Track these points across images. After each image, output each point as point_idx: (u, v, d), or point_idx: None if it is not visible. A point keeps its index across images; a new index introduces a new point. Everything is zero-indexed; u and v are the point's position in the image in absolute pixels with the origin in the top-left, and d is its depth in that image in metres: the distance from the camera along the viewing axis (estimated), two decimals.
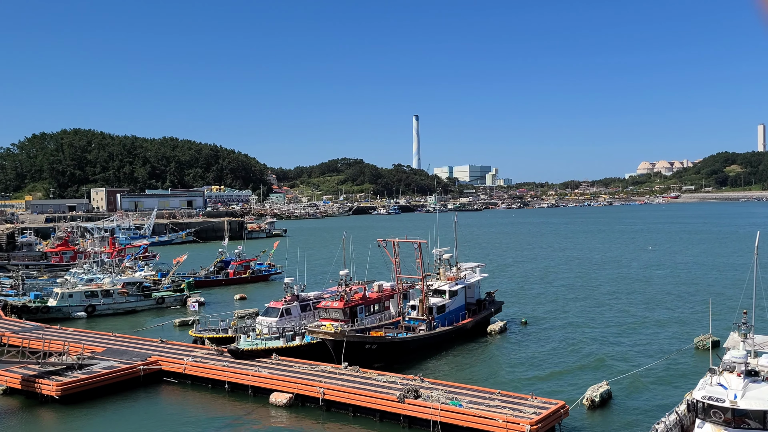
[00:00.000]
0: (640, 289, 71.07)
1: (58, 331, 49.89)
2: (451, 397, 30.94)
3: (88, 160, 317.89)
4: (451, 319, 48.08)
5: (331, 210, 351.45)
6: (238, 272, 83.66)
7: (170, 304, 66.72)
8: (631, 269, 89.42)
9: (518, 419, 27.90)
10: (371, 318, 44.86)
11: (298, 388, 34.45)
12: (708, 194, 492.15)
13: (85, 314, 61.05)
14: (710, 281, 76.04)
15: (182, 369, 39.16)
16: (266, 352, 40.39)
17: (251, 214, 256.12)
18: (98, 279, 66.16)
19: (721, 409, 22.18)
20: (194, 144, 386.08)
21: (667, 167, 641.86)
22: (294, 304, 46.76)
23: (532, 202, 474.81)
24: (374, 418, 31.88)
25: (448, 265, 52.79)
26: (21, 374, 37.11)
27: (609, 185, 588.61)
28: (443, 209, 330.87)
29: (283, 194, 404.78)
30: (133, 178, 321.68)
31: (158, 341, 45.80)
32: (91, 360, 39.87)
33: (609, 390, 34.16)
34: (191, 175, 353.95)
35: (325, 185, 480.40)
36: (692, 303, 61.88)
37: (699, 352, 42.96)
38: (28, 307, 59.91)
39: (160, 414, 34.66)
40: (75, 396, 35.61)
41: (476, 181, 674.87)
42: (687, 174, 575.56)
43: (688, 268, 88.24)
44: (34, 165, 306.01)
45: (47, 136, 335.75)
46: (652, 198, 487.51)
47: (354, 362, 37.64)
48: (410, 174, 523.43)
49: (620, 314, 57.42)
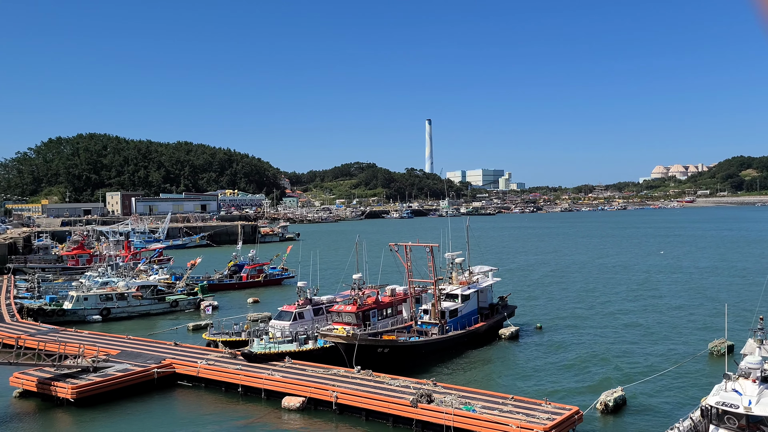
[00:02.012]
0: (655, 294, 70.55)
1: (73, 334, 50.29)
2: (464, 402, 30.84)
3: (103, 164, 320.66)
4: (464, 323, 47.98)
5: (344, 214, 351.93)
6: (251, 276, 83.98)
7: (184, 307, 67.08)
8: (644, 274, 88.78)
9: (532, 425, 27.76)
10: (384, 322, 44.86)
11: (311, 392, 34.50)
12: (723, 198, 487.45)
13: (100, 317, 61.51)
14: (726, 286, 75.32)
15: (196, 372, 39.35)
16: (279, 356, 40.49)
17: (264, 218, 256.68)
18: (113, 282, 66.66)
19: (735, 416, 21.97)
20: (208, 148, 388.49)
21: (681, 171, 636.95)
22: (307, 308, 46.86)
23: (545, 206, 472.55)
24: (387, 423, 31.85)
25: (460, 269, 52.74)
26: (37, 377, 37.42)
27: (623, 189, 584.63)
28: (456, 213, 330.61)
29: (296, 198, 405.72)
30: (148, 182, 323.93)
31: (172, 344, 46.04)
32: (105, 363, 40.15)
33: (623, 395, 33.93)
34: (205, 179, 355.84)
35: (338, 189, 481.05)
36: (707, 308, 61.33)
37: (714, 358, 42.56)
38: (44, 310, 60.47)
39: (173, 417, 34.84)
40: (90, 399, 35.86)
41: (489, 185, 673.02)
42: (702, 178, 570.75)
43: (703, 273, 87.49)
44: (50, 169, 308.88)
45: (63, 140, 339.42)
46: (666, 202, 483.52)
47: (366, 366, 37.64)
48: (423, 178, 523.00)
49: (634, 319, 57.03)
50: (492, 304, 53.78)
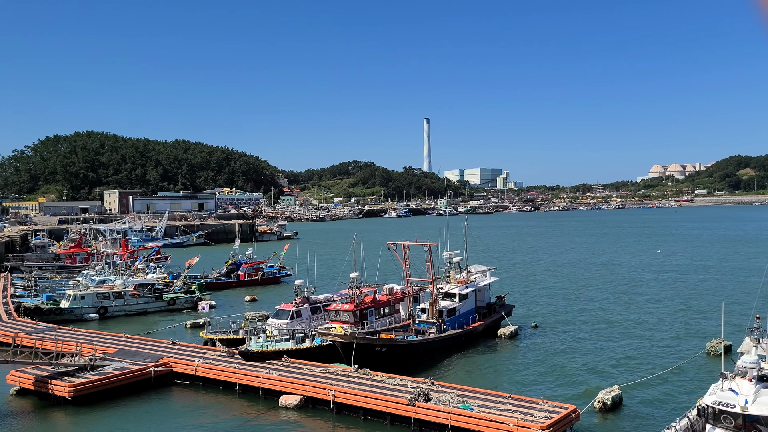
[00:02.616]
0: (652, 293, 70.65)
1: (70, 333, 50.26)
2: (461, 400, 30.88)
3: (101, 162, 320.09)
4: (462, 322, 48.01)
5: (341, 213, 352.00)
6: (248, 274, 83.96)
7: (181, 305, 67.04)
8: (642, 273, 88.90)
9: (529, 423, 27.81)
10: (381, 321, 44.90)
11: (309, 391, 34.52)
12: (721, 198, 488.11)
13: (97, 316, 61.47)
14: (723, 285, 75.45)
15: (193, 371, 39.35)
16: (277, 354, 40.51)
17: (262, 217, 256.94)
18: (110, 281, 66.60)
19: (731, 415, 22.01)
20: (206, 147, 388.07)
21: (679, 171, 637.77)
22: (304, 307, 46.88)
23: (543, 205, 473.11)
24: (385, 421, 31.88)
25: (458, 269, 52.77)
26: (34, 375, 37.41)
27: (621, 189, 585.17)
28: (454, 212, 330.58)
29: (294, 197, 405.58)
30: (146, 180, 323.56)
31: (169, 343, 46.06)
32: (103, 361, 40.15)
33: (620, 394, 34.00)
34: (203, 177, 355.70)
35: (336, 188, 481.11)
36: (705, 308, 61.41)
37: (711, 357, 42.64)
38: (41, 308, 60.40)
39: (171, 415, 34.82)
40: (87, 397, 35.86)
41: (487, 184, 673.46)
42: (699, 177, 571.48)
43: (700, 272, 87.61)
44: (47, 167, 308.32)
45: (61, 138, 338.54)
46: (664, 201, 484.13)
47: (364, 365, 37.66)
48: (421, 177, 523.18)
49: (631, 318, 57.10)
50: (489, 303, 53.86)
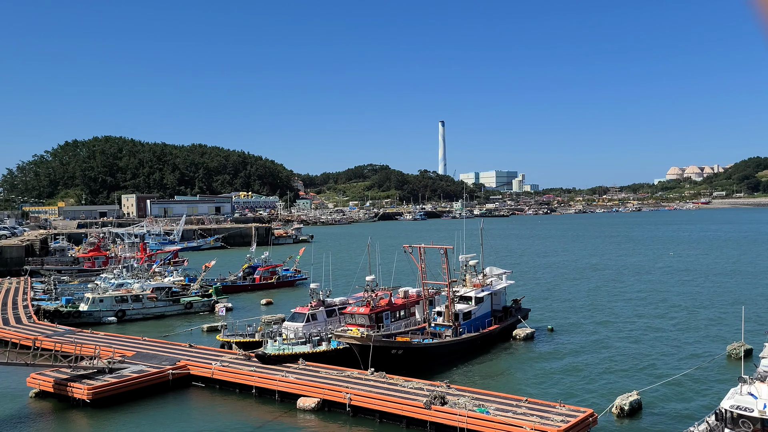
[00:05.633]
0: (670, 297, 69.99)
1: (89, 336, 50.66)
2: (478, 404, 30.78)
3: (119, 166, 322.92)
4: (478, 325, 47.86)
5: (357, 216, 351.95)
6: (264, 278, 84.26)
7: (198, 309, 67.41)
8: (659, 275, 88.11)
9: (546, 427, 27.65)
10: (397, 324, 44.87)
11: (325, 394, 34.59)
12: (739, 200, 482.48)
13: (115, 319, 61.95)
14: (743, 288, 74.59)
15: (210, 373, 39.54)
16: (293, 357, 40.60)
17: (278, 220, 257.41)
18: (128, 284, 67.15)
19: (750, 420, 21.72)
20: (222, 151, 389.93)
21: (697, 173, 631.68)
22: (320, 310, 46.98)
23: (559, 208, 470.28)
24: (401, 425, 31.84)
25: (474, 272, 52.59)
26: (53, 378, 37.77)
27: (638, 191, 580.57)
28: (469, 215, 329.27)
29: (309, 200, 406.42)
30: (163, 184, 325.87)
31: (187, 346, 46.26)
32: (121, 364, 40.44)
33: (639, 399, 33.65)
34: (219, 181, 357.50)
35: (352, 191, 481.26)
36: (725, 311, 60.73)
37: (731, 361, 42.14)
38: (60, 311, 61.02)
39: (188, 418, 35.03)
40: (106, 399, 36.14)
41: (502, 187, 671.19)
42: (717, 179, 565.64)
43: (720, 275, 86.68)
44: (66, 172, 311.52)
45: (79, 143, 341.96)
46: (681, 204, 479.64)
47: (380, 368, 37.65)
48: (436, 180, 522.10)
49: (650, 321, 56.61)
50: (505, 306, 53.65)
